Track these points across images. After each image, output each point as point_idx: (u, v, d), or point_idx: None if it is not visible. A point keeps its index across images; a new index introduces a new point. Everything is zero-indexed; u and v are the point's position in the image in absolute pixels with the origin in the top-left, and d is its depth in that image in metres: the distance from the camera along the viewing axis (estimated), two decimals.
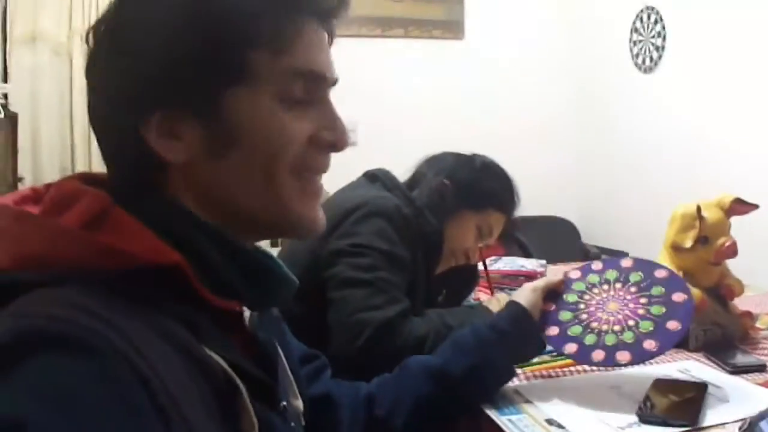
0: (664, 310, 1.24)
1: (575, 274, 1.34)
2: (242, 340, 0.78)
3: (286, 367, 0.89)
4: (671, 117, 3.48)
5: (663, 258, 1.55)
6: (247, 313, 0.80)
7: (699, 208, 1.47)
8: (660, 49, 3.54)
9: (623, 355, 1.20)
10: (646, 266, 1.32)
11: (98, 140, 0.75)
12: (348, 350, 1.35)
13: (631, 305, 1.26)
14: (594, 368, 1.35)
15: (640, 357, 1.20)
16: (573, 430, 1.09)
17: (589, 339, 1.24)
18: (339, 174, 0.86)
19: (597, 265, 1.35)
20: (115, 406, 0.54)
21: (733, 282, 1.53)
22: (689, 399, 1.15)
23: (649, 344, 1.20)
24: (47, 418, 0.51)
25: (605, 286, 1.31)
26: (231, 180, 0.73)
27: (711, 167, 3.18)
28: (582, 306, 1.29)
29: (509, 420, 1.15)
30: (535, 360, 1.41)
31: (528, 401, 1.21)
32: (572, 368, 1.37)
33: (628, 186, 3.84)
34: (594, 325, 1.25)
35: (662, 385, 1.21)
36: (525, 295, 1.29)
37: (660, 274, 1.30)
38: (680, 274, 1.49)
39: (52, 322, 0.56)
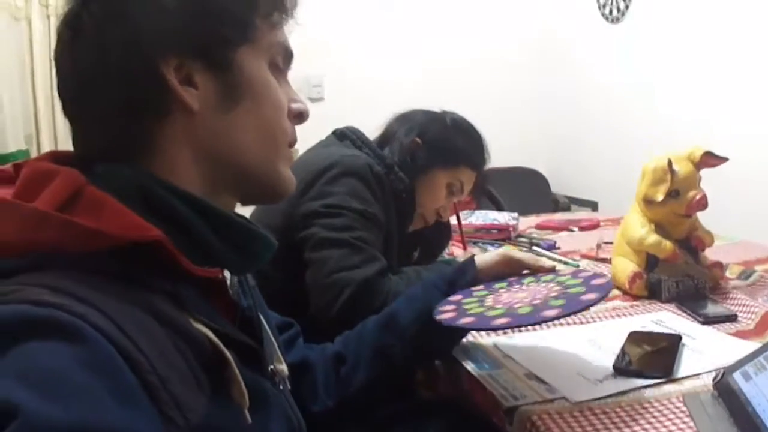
0: (583, 289, 1.07)
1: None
2: (226, 307, 0.78)
3: (269, 333, 0.90)
4: (639, 68, 3.49)
5: (635, 211, 1.57)
6: (228, 280, 0.81)
7: (670, 162, 1.48)
8: None
9: (522, 318, 1.02)
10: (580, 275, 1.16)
11: (88, 96, 0.74)
12: (328, 311, 1.36)
13: (543, 291, 1.11)
14: (571, 322, 1.37)
15: (538, 318, 1.02)
16: (552, 383, 1.10)
17: (489, 312, 1.07)
18: (305, 129, 0.88)
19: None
20: (104, 390, 0.54)
21: (703, 233, 1.55)
22: (664, 351, 1.18)
23: (551, 312, 1.01)
24: (38, 403, 0.51)
25: (522, 285, 1.18)
26: (235, 133, 0.77)
27: (680, 119, 3.20)
28: (490, 296, 1.15)
29: (489, 375, 1.16)
30: None
31: (507, 356, 1.23)
32: (550, 323, 1.38)
33: (597, 136, 3.87)
34: (494, 304, 1.10)
35: (638, 337, 1.23)
36: (486, 254, 1.30)
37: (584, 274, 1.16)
38: (652, 227, 1.52)
39: (37, 308, 0.56)
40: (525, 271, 1.27)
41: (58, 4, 3.28)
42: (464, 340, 1.32)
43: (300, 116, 0.84)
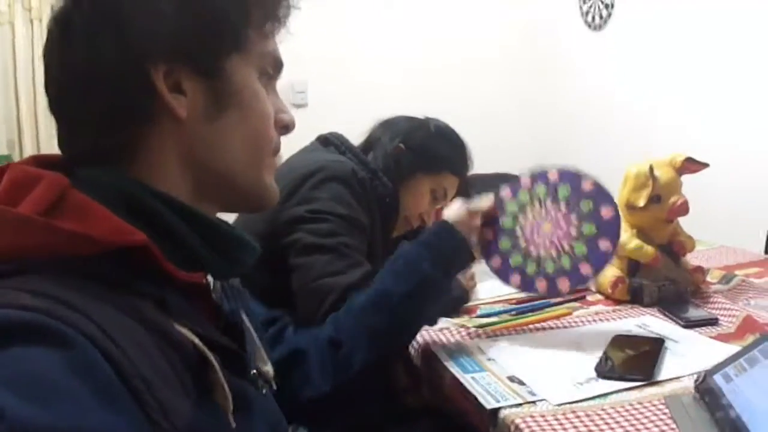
0: (594, 229, 1.31)
1: (506, 193, 1.39)
2: (210, 312, 0.78)
3: (254, 335, 0.90)
4: (621, 75, 3.52)
5: None
6: (211, 285, 0.81)
7: (651, 168, 1.49)
8: (609, 6, 3.56)
9: (563, 283, 1.32)
10: (572, 178, 1.37)
11: (75, 96, 0.73)
12: (312, 317, 1.36)
13: (563, 224, 1.33)
14: (554, 326, 1.39)
15: (578, 282, 1.34)
16: (533, 386, 1.11)
17: (531, 268, 1.34)
18: (289, 136, 0.88)
19: (525, 180, 1.39)
20: (89, 394, 0.54)
21: (684, 238, 1.57)
22: (646, 354, 1.18)
23: (585, 269, 1.31)
24: (22, 407, 0.50)
25: (536, 205, 1.36)
26: (222, 141, 0.76)
27: (661, 125, 3.23)
28: (519, 232, 1.36)
29: (472, 378, 1.17)
30: (496, 319, 1.43)
31: (490, 359, 1.24)
32: (533, 326, 1.40)
33: (580, 142, 3.89)
34: (532, 250, 1.34)
35: (620, 340, 1.24)
36: (451, 209, 1.34)
37: (586, 186, 1.35)
38: (634, 232, 1.53)
39: (21, 312, 0.55)
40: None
41: (41, 9, 3.27)
42: (448, 341, 1.33)
43: (286, 128, 0.84)
